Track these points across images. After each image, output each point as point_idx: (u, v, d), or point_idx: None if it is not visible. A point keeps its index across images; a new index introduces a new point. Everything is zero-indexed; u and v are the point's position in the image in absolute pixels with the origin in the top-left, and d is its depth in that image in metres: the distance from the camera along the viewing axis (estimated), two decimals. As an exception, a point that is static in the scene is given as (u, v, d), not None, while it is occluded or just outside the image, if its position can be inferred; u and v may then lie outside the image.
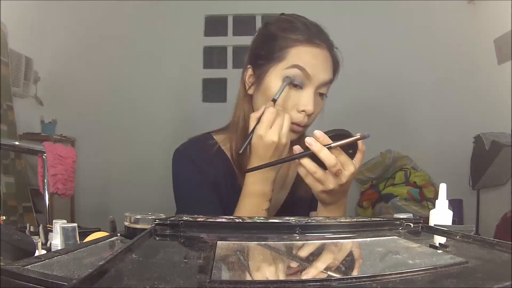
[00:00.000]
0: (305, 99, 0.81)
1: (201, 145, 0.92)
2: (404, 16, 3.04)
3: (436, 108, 3.02)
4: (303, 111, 0.82)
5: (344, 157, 0.70)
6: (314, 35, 0.83)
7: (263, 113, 0.77)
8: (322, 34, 0.86)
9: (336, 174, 0.69)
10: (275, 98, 0.80)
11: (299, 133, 0.85)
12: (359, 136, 0.69)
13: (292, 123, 0.82)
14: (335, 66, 0.88)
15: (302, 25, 0.84)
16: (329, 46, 0.86)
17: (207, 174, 0.88)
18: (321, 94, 0.86)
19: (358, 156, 0.72)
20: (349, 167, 0.70)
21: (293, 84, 0.81)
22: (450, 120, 2.94)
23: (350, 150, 0.72)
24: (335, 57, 0.87)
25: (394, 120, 3.10)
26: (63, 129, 2.98)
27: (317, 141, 0.68)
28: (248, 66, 0.89)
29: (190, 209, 0.85)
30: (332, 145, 0.68)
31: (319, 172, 0.69)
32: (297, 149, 0.72)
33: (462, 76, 2.93)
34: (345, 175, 0.70)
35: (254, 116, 0.79)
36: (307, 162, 0.70)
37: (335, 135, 0.69)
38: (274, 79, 0.82)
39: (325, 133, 0.69)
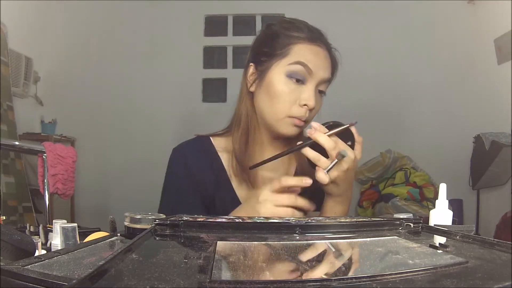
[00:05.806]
0: (307, 93, 0.84)
1: (196, 149, 0.93)
2: (404, 16, 3.04)
3: (436, 108, 3.02)
4: (305, 105, 0.85)
5: (342, 145, 0.75)
6: (315, 35, 0.88)
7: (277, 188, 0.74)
8: (322, 37, 0.90)
9: (337, 158, 0.72)
10: (326, 171, 0.74)
11: (301, 128, 0.88)
12: (349, 124, 0.76)
13: (294, 117, 0.85)
14: (334, 65, 0.91)
15: (304, 26, 0.89)
16: (328, 47, 0.90)
17: (196, 178, 0.89)
18: (320, 92, 0.89)
19: (357, 146, 0.77)
20: (349, 153, 0.74)
21: (296, 79, 0.84)
22: (450, 120, 2.94)
23: (349, 142, 0.77)
24: (333, 57, 0.91)
25: (394, 120, 3.10)
26: (63, 129, 2.98)
27: (315, 130, 0.74)
28: (250, 64, 0.91)
29: (173, 210, 0.84)
30: (327, 133, 0.74)
31: (322, 159, 0.73)
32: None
33: (462, 76, 2.93)
34: (346, 161, 0.74)
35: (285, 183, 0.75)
36: (309, 151, 0.74)
37: (330, 125, 0.76)
38: (277, 74, 0.85)
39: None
